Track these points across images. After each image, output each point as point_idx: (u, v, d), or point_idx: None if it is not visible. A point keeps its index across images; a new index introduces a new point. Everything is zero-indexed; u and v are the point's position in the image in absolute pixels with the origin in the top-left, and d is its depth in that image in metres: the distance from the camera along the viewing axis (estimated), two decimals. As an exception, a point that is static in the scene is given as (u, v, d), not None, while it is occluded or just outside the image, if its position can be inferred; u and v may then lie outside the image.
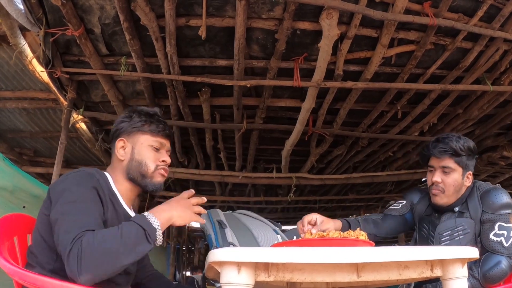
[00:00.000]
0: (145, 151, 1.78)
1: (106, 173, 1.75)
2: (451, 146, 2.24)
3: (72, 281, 1.34)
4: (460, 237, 2.17)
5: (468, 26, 2.96)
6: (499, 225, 2.12)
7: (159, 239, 1.47)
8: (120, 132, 1.82)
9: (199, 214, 1.62)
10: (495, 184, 2.34)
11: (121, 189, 1.75)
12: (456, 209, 2.25)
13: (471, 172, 2.31)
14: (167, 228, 1.61)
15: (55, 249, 1.48)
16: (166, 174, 1.83)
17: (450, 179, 2.24)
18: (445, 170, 2.25)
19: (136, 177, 1.76)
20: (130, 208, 1.79)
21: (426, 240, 2.34)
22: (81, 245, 1.34)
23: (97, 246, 1.34)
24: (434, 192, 2.28)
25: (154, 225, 1.45)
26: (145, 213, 1.49)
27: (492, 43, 3.25)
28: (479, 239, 2.16)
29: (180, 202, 1.59)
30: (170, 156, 1.89)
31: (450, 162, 2.25)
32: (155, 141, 1.80)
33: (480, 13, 2.90)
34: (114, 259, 1.36)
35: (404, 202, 2.53)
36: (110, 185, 1.71)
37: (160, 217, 1.49)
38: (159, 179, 1.80)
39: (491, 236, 2.11)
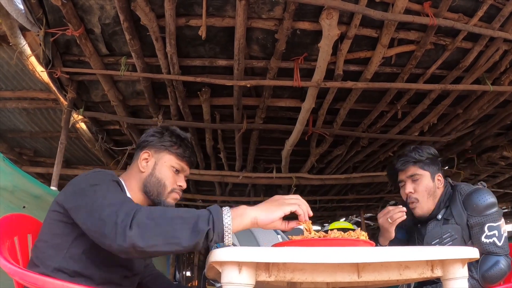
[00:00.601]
0: (166, 170, 1.79)
1: (121, 179, 1.75)
2: (410, 155, 2.31)
3: (117, 245, 1.28)
4: (450, 243, 2.17)
5: (468, 26, 2.96)
6: (489, 226, 2.11)
7: (228, 238, 1.33)
8: (147, 144, 1.84)
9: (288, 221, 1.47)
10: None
11: (134, 197, 1.75)
12: (439, 216, 2.26)
13: (440, 174, 2.33)
14: None
15: (64, 248, 1.49)
16: (178, 198, 1.84)
17: (420, 186, 2.28)
18: (414, 179, 2.30)
19: (152, 192, 1.77)
20: None
21: None
22: (136, 210, 1.31)
23: (154, 211, 1.32)
24: (411, 206, 2.31)
25: (224, 213, 1.34)
26: (225, 209, 1.37)
27: (492, 43, 3.25)
28: (470, 243, 2.16)
29: (269, 201, 1.47)
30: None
31: (415, 169, 2.30)
32: (178, 164, 1.83)
33: (480, 13, 2.90)
34: (170, 227, 1.29)
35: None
36: (125, 190, 1.72)
37: (236, 211, 1.38)
38: (171, 201, 1.81)
39: (483, 239, 2.10)
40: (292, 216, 1.44)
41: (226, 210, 1.36)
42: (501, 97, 3.96)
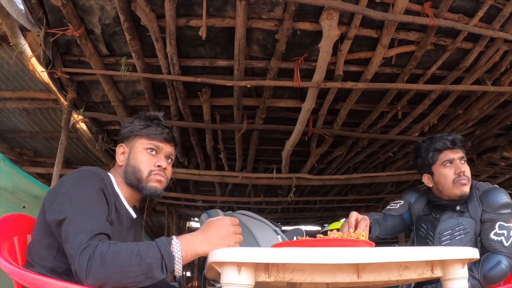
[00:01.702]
0: (139, 155, 1.75)
1: (110, 174, 1.75)
2: (459, 138, 2.33)
3: (78, 280, 1.33)
4: (461, 236, 2.18)
5: (468, 26, 2.96)
6: (500, 225, 2.13)
7: (178, 271, 1.37)
8: (121, 137, 1.83)
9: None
10: (494, 185, 2.35)
11: (123, 191, 1.74)
12: (458, 207, 2.26)
13: None
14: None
15: (55, 247, 1.49)
16: (163, 179, 1.77)
17: (468, 169, 2.30)
18: (464, 161, 2.32)
19: (132, 182, 1.74)
20: (132, 210, 1.79)
21: (425, 240, 2.35)
22: (93, 253, 1.31)
23: (109, 258, 1.31)
24: (464, 182, 2.27)
25: (175, 255, 1.36)
26: (173, 239, 1.40)
27: (492, 44, 3.25)
28: (479, 239, 2.17)
29: (220, 234, 1.46)
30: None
31: (464, 153, 2.34)
32: (151, 144, 1.77)
33: (480, 13, 2.90)
34: (124, 275, 1.31)
35: (402, 202, 2.55)
36: (114, 186, 1.71)
37: (186, 249, 1.39)
38: (154, 184, 1.75)
39: (492, 235, 2.12)
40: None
41: (176, 248, 1.37)
42: (501, 97, 3.95)
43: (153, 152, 1.77)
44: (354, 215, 2.13)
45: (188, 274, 13.06)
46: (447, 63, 3.45)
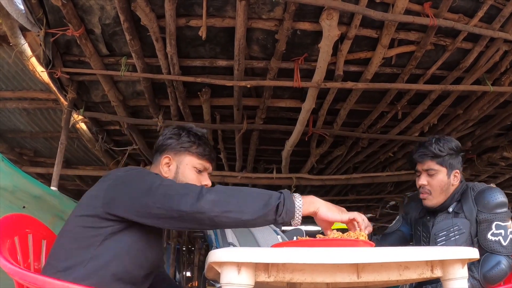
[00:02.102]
0: (189, 172, 1.79)
1: None
2: (430, 149, 2.30)
3: (190, 205, 1.38)
4: (456, 237, 2.18)
5: (468, 26, 2.96)
6: (496, 225, 2.12)
7: (298, 219, 1.45)
8: (166, 148, 1.83)
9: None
10: (490, 184, 2.35)
11: None
12: (450, 209, 2.27)
13: (458, 171, 2.33)
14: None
15: (87, 255, 1.48)
16: None
17: (435, 180, 2.29)
18: (429, 173, 2.31)
19: None
20: None
21: (420, 241, 2.37)
22: (213, 189, 1.41)
23: (223, 188, 1.41)
24: (422, 196, 2.34)
25: (295, 198, 1.45)
26: (295, 194, 1.48)
27: (492, 44, 3.25)
28: (476, 240, 2.16)
29: (338, 207, 1.57)
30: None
31: (432, 165, 2.30)
32: (200, 164, 1.82)
33: (480, 13, 2.90)
34: (241, 199, 1.40)
35: (398, 217, 2.63)
36: None
37: (306, 200, 1.48)
38: None
39: (489, 236, 2.11)
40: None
41: (297, 196, 1.46)
42: (501, 97, 3.96)
43: (200, 172, 1.83)
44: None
45: (188, 274, 13.07)
46: (447, 63, 3.45)
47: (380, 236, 2.58)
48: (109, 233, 1.50)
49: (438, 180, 2.28)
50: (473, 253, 1.40)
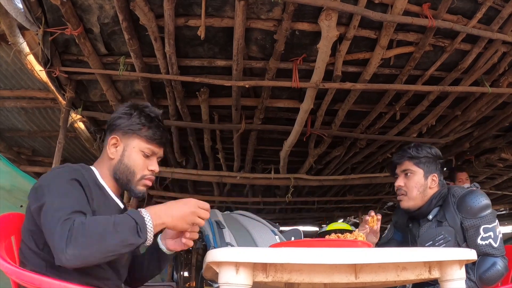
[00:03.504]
0: (135, 156, 1.73)
1: (93, 167, 1.74)
2: (407, 151, 2.37)
3: (59, 260, 1.33)
4: (443, 245, 2.18)
5: (467, 28, 2.96)
6: (484, 228, 2.12)
7: (150, 239, 1.43)
8: (115, 128, 1.76)
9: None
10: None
11: (108, 183, 1.73)
12: (430, 216, 2.28)
13: (436, 175, 2.35)
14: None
15: (42, 238, 1.48)
16: (150, 184, 1.78)
17: (411, 181, 2.33)
18: (406, 173, 2.36)
19: (122, 180, 1.73)
20: (119, 200, 1.78)
21: None
22: (73, 223, 1.33)
23: (88, 228, 1.33)
24: (399, 198, 2.38)
25: (146, 222, 1.42)
26: (142, 210, 1.45)
27: (490, 45, 3.26)
28: (464, 245, 2.16)
29: (183, 210, 1.52)
30: (162, 160, 1.86)
31: (409, 165, 2.36)
32: (148, 148, 1.74)
33: (479, 15, 2.90)
34: (103, 243, 1.34)
35: (389, 226, 2.67)
36: (97, 178, 1.70)
37: (155, 218, 1.45)
38: (142, 187, 1.75)
39: (479, 241, 2.11)
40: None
41: (147, 216, 1.43)
42: (500, 99, 3.96)
43: (148, 155, 1.75)
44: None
45: (186, 274, 13.06)
46: (445, 64, 3.45)
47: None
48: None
49: (414, 181, 2.32)
50: (470, 254, 1.40)
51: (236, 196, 7.52)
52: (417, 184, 2.32)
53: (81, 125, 4.56)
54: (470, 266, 2.09)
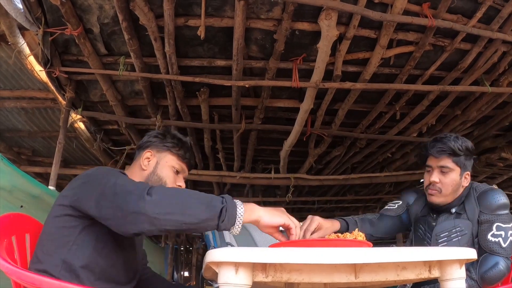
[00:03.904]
0: (167, 170, 1.85)
1: (126, 172, 1.79)
2: (449, 145, 2.23)
3: (135, 205, 1.34)
4: (458, 238, 2.17)
5: (466, 27, 2.96)
6: (497, 226, 2.12)
7: (238, 227, 1.42)
8: (150, 144, 1.90)
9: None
10: (493, 185, 2.34)
11: None
12: (453, 210, 2.25)
13: (469, 173, 2.30)
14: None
15: (71, 241, 1.51)
16: None
17: (448, 179, 2.23)
18: (443, 170, 2.24)
19: None
20: None
21: (422, 241, 2.34)
22: (154, 186, 1.40)
23: (170, 191, 1.41)
24: (431, 192, 2.27)
25: (238, 207, 1.42)
26: (237, 201, 1.45)
27: (490, 45, 3.26)
28: (476, 240, 2.16)
29: (278, 210, 1.56)
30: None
31: (448, 162, 2.24)
32: (179, 165, 1.88)
33: (478, 14, 2.90)
34: (184, 209, 1.36)
35: (400, 202, 2.52)
36: None
37: (248, 207, 1.46)
38: None
39: (489, 236, 2.11)
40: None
41: (239, 202, 1.44)
42: (500, 98, 3.96)
43: (177, 172, 1.89)
44: (316, 221, 1.92)
45: (186, 274, 13.07)
46: (445, 63, 3.45)
47: (378, 215, 2.47)
48: (80, 230, 1.54)
49: (451, 179, 2.23)
50: (470, 253, 1.40)
51: (236, 196, 7.41)
52: (453, 182, 2.23)
53: (81, 125, 4.56)
54: (472, 265, 2.08)
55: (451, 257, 1.37)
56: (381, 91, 3.83)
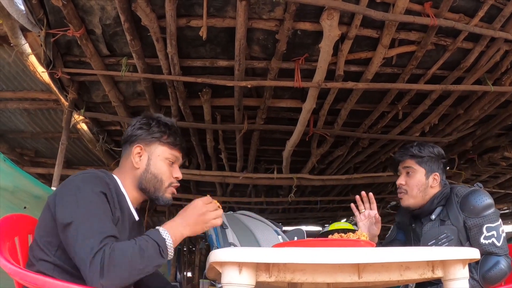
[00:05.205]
0: (161, 164, 1.78)
1: (115, 176, 1.75)
2: (410, 150, 2.39)
3: (91, 284, 1.37)
4: (445, 244, 2.18)
5: (469, 26, 2.95)
6: (487, 227, 2.12)
7: (171, 254, 1.50)
8: (136, 138, 1.80)
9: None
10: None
11: (129, 193, 1.75)
12: (433, 216, 2.28)
13: (437, 174, 2.36)
14: None
15: (55, 245, 1.51)
16: (175, 193, 1.84)
17: (413, 179, 2.35)
18: (408, 171, 2.37)
19: (149, 189, 1.76)
20: (135, 211, 1.79)
21: None
22: (104, 254, 1.37)
23: (118, 257, 1.38)
24: (399, 196, 2.41)
25: (167, 242, 1.49)
26: (160, 229, 1.52)
27: (493, 44, 3.25)
28: (467, 245, 2.16)
29: (195, 214, 1.59)
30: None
31: (411, 163, 2.37)
32: (172, 154, 1.81)
33: (481, 13, 2.90)
34: (133, 270, 1.41)
35: (392, 226, 2.67)
36: (120, 187, 1.71)
37: (173, 234, 1.52)
38: (169, 196, 1.80)
39: (482, 240, 2.11)
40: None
41: (164, 233, 1.51)
42: (502, 97, 3.95)
43: (172, 162, 1.82)
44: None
45: (189, 274, 13.07)
46: (447, 63, 3.45)
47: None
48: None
49: (416, 180, 2.34)
50: (474, 253, 1.40)
51: (239, 196, 7.52)
52: (418, 182, 2.33)
53: (83, 126, 4.57)
54: (473, 265, 2.09)
55: (454, 257, 1.37)
56: (383, 90, 3.82)
